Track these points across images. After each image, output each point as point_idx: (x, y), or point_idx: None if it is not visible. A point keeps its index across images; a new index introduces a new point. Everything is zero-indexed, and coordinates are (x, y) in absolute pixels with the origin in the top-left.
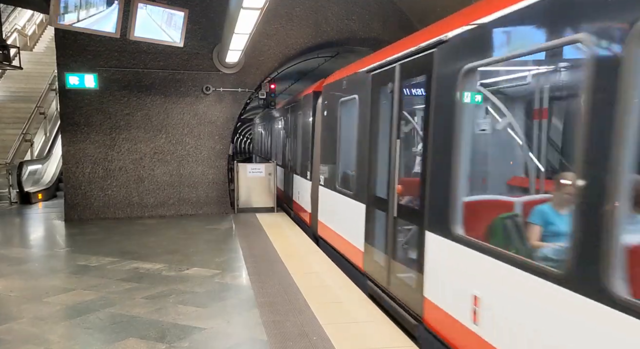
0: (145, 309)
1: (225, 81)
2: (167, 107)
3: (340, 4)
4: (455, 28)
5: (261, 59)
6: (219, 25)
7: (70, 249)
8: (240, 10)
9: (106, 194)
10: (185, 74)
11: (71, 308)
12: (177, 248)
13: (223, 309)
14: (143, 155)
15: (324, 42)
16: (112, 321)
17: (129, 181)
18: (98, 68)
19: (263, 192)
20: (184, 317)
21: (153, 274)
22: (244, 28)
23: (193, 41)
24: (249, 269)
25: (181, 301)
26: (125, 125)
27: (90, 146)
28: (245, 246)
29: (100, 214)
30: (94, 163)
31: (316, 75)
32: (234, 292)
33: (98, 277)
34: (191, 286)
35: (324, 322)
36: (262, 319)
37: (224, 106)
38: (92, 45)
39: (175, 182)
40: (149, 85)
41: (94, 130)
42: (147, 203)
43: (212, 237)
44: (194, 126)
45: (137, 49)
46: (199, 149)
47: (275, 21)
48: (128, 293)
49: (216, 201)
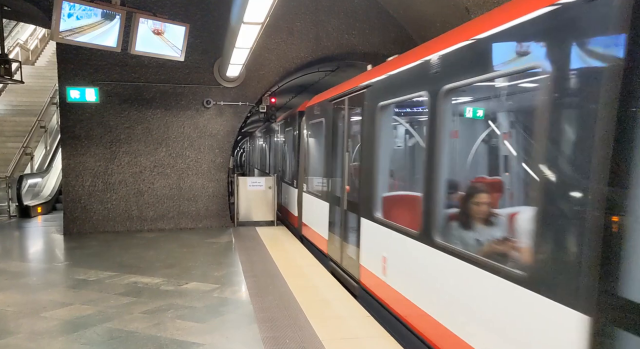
0: (144, 324)
1: (225, 95)
2: (168, 120)
3: (341, 18)
4: (375, 77)
5: (262, 72)
6: (219, 40)
7: (69, 263)
8: (241, 25)
9: (106, 207)
10: (186, 87)
11: (69, 322)
12: (176, 262)
13: (222, 325)
14: (143, 168)
15: (325, 56)
16: (109, 336)
17: (128, 194)
18: (99, 82)
19: (263, 205)
20: (182, 332)
21: (151, 289)
22: (245, 42)
23: (194, 55)
24: (249, 284)
25: (180, 316)
26: (126, 138)
27: (90, 159)
28: (244, 260)
29: (100, 228)
30: (94, 176)
31: (316, 89)
32: (233, 307)
33: (96, 291)
34: (190, 301)
35: (324, 338)
36: (261, 335)
37: (225, 119)
38: (94, 59)
39: (175, 196)
40: (149, 98)
41: (94, 143)
42: (147, 216)
43: (211, 251)
44: (195, 139)
45: (138, 63)
46: (199, 162)
47: (276, 35)
48: (126, 307)
49: (216, 215)
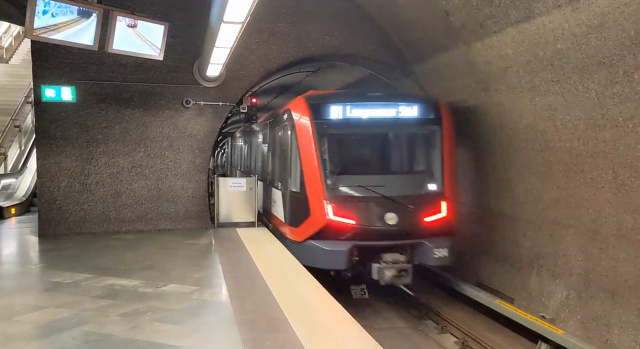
0: (120, 327)
1: (206, 95)
2: (146, 120)
3: (322, 19)
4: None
5: (243, 72)
6: (199, 39)
7: (44, 265)
8: (221, 24)
9: (82, 208)
10: (165, 87)
11: (43, 326)
12: (155, 264)
13: (201, 327)
14: (121, 169)
15: (306, 57)
16: (85, 339)
17: (106, 196)
18: (76, 81)
19: (244, 206)
20: (160, 335)
21: (129, 291)
22: (225, 42)
23: (173, 54)
24: (228, 285)
25: (158, 319)
26: (103, 138)
27: (66, 159)
28: (224, 261)
29: (76, 229)
30: (70, 177)
31: (297, 90)
32: (213, 309)
33: (72, 294)
34: (168, 303)
35: (305, 340)
36: (241, 337)
37: (205, 120)
38: (70, 57)
39: (153, 197)
40: (127, 98)
41: (71, 143)
42: (125, 218)
43: (191, 253)
44: (174, 140)
45: (116, 61)
46: (179, 163)
47: (257, 35)
48: (103, 310)
49: (196, 216)
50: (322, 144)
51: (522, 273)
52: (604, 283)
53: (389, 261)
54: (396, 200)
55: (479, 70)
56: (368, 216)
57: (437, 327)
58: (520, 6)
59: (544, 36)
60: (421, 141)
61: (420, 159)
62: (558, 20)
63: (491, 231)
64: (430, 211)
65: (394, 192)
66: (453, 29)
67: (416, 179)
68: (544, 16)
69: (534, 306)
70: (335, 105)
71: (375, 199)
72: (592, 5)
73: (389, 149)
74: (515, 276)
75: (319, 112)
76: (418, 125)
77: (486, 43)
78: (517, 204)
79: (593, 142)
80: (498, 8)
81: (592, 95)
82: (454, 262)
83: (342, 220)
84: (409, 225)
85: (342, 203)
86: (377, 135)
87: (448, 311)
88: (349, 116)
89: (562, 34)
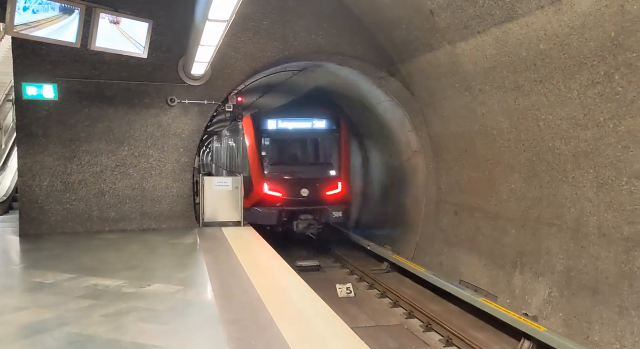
0: (104, 328)
1: (191, 93)
2: (130, 119)
3: (308, 19)
4: None
5: (228, 71)
6: (184, 37)
7: (25, 266)
8: (206, 23)
9: (65, 208)
10: (149, 85)
11: (25, 327)
12: (139, 264)
13: (186, 327)
14: (105, 168)
15: (292, 56)
16: (68, 340)
17: (89, 195)
18: (58, 79)
19: (229, 206)
20: (144, 336)
21: (113, 291)
22: (210, 40)
23: (158, 52)
24: (214, 285)
25: (142, 319)
26: (86, 137)
27: (48, 158)
28: (210, 261)
29: (58, 229)
30: (52, 176)
31: (284, 89)
32: (198, 309)
33: (54, 295)
34: (152, 303)
35: (291, 339)
36: (227, 337)
37: (190, 118)
38: (52, 55)
39: (138, 196)
40: (111, 96)
41: (53, 142)
42: (109, 218)
43: (176, 253)
44: (158, 139)
45: (100, 59)
46: (163, 162)
47: (243, 34)
48: (86, 311)
49: (181, 215)
50: (261, 145)
51: (506, 271)
52: (586, 281)
53: (303, 219)
54: (308, 181)
55: (464, 70)
56: (290, 191)
57: (423, 325)
58: (504, 7)
59: (527, 37)
60: (326, 143)
61: (325, 155)
62: (541, 21)
63: (476, 228)
64: (330, 188)
65: (307, 176)
66: (438, 29)
67: (322, 168)
68: (528, 17)
69: (518, 304)
70: (270, 120)
71: (295, 180)
72: (574, 7)
73: (305, 148)
74: (499, 275)
75: (259, 125)
76: (325, 133)
77: (471, 43)
78: (501, 203)
79: (575, 142)
80: (482, 9)
81: (575, 95)
82: None
83: (273, 193)
84: (316, 197)
85: (274, 183)
86: (297, 139)
87: (432, 309)
88: (280, 127)
89: (545, 35)
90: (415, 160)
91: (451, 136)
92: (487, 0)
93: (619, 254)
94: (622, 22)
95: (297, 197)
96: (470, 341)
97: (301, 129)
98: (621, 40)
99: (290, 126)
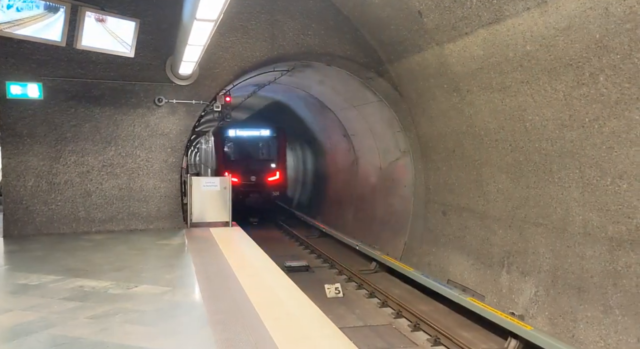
0: (89, 330)
1: (178, 93)
2: (117, 118)
3: (297, 18)
4: None
5: (216, 71)
6: (172, 36)
7: (9, 267)
8: (194, 22)
9: (50, 208)
10: (136, 85)
11: (8, 330)
12: (126, 265)
13: (173, 328)
14: (91, 168)
15: (281, 56)
16: (53, 343)
17: (75, 195)
18: (43, 77)
19: (217, 206)
20: (131, 337)
21: (99, 293)
22: (198, 40)
23: (145, 52)
24: (201, 286)
25: (128, 321)
26: (72, 137)
27: (33, 158)
28: (198, 261)
29: (44, 230)
30: (37, 176)
31: (272, 88)
32: (185, 310)
33: (38, 296)
34: (139, 305)
35: (278, 339)
36: (214, 338)
37: (177, 118)
38: (37, 53)
39: (125, 196)
40: (98, 96)
41: (38, 141)
42: (95, 218)
43: (163, 253)
44: (146, 138)
45: (86, 58)
46: (151, 162)
47: (231, 34)
48: (71, 312)
49: (168, 216)
50: (224, 147)
51: (493, 270)
52: (571, 280)
53: (252, 197)
54: (255, 170)
55: (452, 71)
56: (244, 178)
57: (411, 325)
58: (491, 8)
59: (514, 38)
60: (269, 145)
61: (268, 153)
62: (527, 22)
63: (464, 228)
64: (271, 175)
65: (255, 167)
66: (426, 30)
67: (266, 162)
68: (514, 18)
69: (504, 303)
70: (230, 129)
71: (247, 170)
72: (559, 9)
73: (255, 149)
74: (487, 274)
75: (223, 134)
76: (268, 138)
77: (458, 44)
78: (489, 203)
79: (561, 142)
80: (470, 10)
81: (560, 96)
82: None
83: (233, 179)
84: (261, 181)
85: (233, 172)
86: (249, 143)
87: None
88: (237, 135)
89: (531, 36)
90: (404, 160)
91: (439, 136)
92: (475, 2)
93: (604, 253)
94: (606, 24)
95: (248, 181)
96: (457, 340)
97: (253, 136)
98: (605, 42)
99: (244, 134)
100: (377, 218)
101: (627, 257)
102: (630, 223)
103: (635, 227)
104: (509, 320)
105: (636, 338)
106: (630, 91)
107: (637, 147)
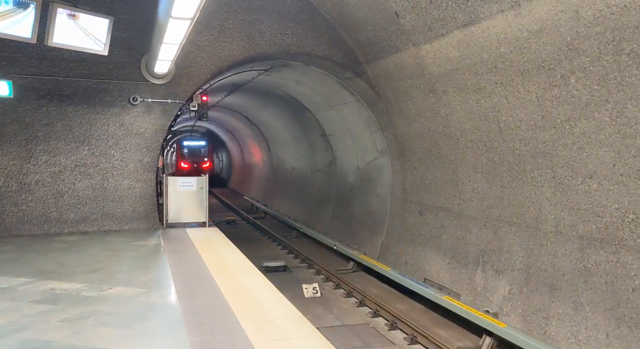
0: (61, 333)
1: (154, 92)
2: (91, 117)
3: (274, 18)
4: None
5: (193, 70)
6: (147, 34)
7: None
8: (170, 20)
9: (20, 209)
10: (111, 83)
11: None
12: (100, 266)
13: (148, 330)
14: (63, 168)
15: (258, 55)
16: (23, 347)
17: (46, 196)
18: (13, 75)
19: (194, 206)
20: (104, 340)
21: (71, 295)
22: (174, 38)
23: (120, 50)
24: (177, 287)
25: (102, 323)
26: (44, 136)
27: (2, 158)
28: (174, 262)
29: (14, 231)
30: (7, 176)
31: (250, 88)
32: (161, 311)
33: (8, 300)
34: (113, 307)
35: (255, 340)
36: (190, 340)
37: (153, 117)
38: (7, 50)
39: (98, 197)
40: (70, 94)
41: (7, 141)
42: (67, 219)
43: (138, 255)
44: (120, 138)
45: (58, 56)
46: (125, 162)
47: (207, 32)
48: (42, 315)
49: (143, 216)
50: (179, 151)
51: (469, 269)
52: (544, 278)
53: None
54: (196, 161)
55: (428, 71)
56: (190, 166)
57: (388, 323)
58: (467, 10)
59: (488, 40)
60: (203, 150)
61: (203, 154)
62: (501, 24)
63: (440, 227)
64: (204, 164)
65: (195, 162)
66: (403, 31)
67: (202, 158)
68: (489, 20)
69: (479, 301)
70: (183, 140)
71: (191, 162)
72: (532, 11)
73: (196, 153)
74: (462, 273)
75: (180, 143)
76: (203, 146)
77: (434, 45)
78: (464, 202)
79: (534, 142)
80: (445, 11)
81: (533, 97)
82: None
83: (183, 166)
84: (199, 167)
85: (184, 163)
86: (193, 149)
87: (397, 308)
88: (187, 144)
89: (505, 38)
90: (382, 160)
91: (416, 137)
92: (450, 3)
93: (575, 251)
94: (577, 27)
95: (192, 167)
96: (433, 339)
97: (195, 144)
98: (576, 44)
99: (190, 143)
100: (355, 218)
101: (597, 255)
102: (600, 222)
103: (604, 226)
104: (483, 318)
105: (605, 333)
106: (599, 92)
107: (606, 147)
